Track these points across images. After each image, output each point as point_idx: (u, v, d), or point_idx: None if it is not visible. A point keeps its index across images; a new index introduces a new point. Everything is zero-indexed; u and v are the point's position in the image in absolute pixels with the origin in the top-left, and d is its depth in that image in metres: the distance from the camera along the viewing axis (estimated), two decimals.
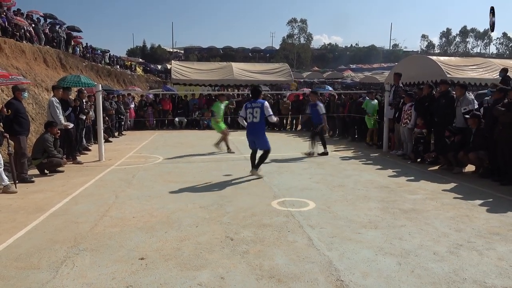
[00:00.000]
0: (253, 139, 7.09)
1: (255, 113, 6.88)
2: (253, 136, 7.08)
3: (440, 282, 3.10)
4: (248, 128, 7.06)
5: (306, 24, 75.56)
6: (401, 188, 6.25)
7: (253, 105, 6.96)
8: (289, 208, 5.10)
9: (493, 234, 4.15)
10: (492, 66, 14.17)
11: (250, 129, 7.04)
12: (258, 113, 6.86)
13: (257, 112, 6.87)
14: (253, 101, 7.03)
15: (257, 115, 6.87)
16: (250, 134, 7.07)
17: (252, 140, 7.11)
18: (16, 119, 6.67)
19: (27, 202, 5.47)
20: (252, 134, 7.06)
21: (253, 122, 6.92)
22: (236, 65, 20.85)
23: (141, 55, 68.74)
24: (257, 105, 6.91)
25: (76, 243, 3.92)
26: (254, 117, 6.89)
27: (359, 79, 38.85)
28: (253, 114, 6.89)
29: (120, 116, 14.67)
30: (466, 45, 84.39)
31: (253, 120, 6.91)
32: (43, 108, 12.33)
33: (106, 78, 25.75)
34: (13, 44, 14.52)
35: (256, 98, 7.04)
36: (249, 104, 7.04)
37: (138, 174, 7.31)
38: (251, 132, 7.05)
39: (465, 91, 7.77)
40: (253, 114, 6.89)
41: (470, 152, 6.96)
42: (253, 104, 6.95)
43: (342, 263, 3.43)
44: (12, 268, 3.36)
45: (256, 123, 6.92)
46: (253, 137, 7.07)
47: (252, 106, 6.94)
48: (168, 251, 3.70)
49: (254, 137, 7.07)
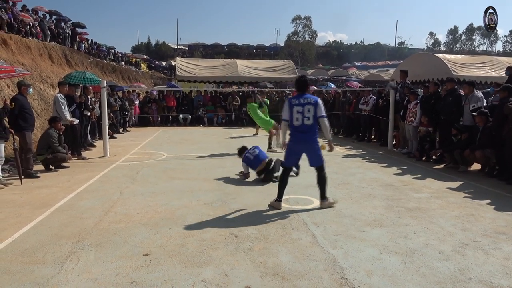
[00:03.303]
0: (303, 149, 5.03)
1: (307, 112, 4.88)
2: (302, 146, 4.99)
3: (446, 281, 3.08)
4: (295, 134, 4.98)
5: (311, 21, 75.28)
6: (406, 186, 6.22)
7: (301, 101, 4.93)
8: (293, 206, 5.09)
9: (499, 234, 4.12)
10: (499, 64, 14.07)
11: (298, 135, 4.95)
12: (311, 112, 4.88)
13: (310, 111, 4.88)
14: (300, 96, 5.00)
15: (310, 115, 4.88)
16: (299, 142, 4.97)
17: (300, 151, 5.06)
18: (21, 114, 6.70)
19: (32, 197, 5.50)
20: (301, 143, 4.97)
21: (304, 124, 4.89)
22: (240, 62, 20.83)
23: (145, 51, 68.78)
24: (310, 101, 4.91)
25: (81, 238, 3.93)
26: (306, 117, 4.88)
27: (364, 77, 38.67)
28: (304, 114, 4.89)
29: (125, 113, 14.70)
30: (472, 43, 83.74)
31: (304, 121, 4.89)
32: (48, 104, 12.38)
33: (111, 75, 25.82)
34: (18, 40, 14.58)
35: (303, 92, 5.05)
36: (295, 99, 4.99)
37: (142, 171, 7.33)
38: (300, 139, 4.95)
39: (474, 88, 7.71)
40: (304, 114, 4.89)
41: (477, 150, 6.91)
42: (303, 100, 4.93)
43: (346, 261, 3.42)
44: (18, 263, 3.37)
45: (309, 127, 4.90)
46: (303, 146, 4.99)
47: (301, 103, 4.91)
48: (172, 248, 3.70)
49: (304, 147, 5.00)
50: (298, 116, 4.91)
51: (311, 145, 4.98)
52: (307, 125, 4.89)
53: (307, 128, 4.90)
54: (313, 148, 5.00)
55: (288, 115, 4.98)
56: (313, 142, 4.98)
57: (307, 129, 4.91)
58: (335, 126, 14.31)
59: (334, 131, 14.26)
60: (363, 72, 46.70)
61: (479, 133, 7.06)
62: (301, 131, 4.92)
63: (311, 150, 5.00)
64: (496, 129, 6.66)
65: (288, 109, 4.98)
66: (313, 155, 5.01)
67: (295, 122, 4.93)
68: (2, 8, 14.90)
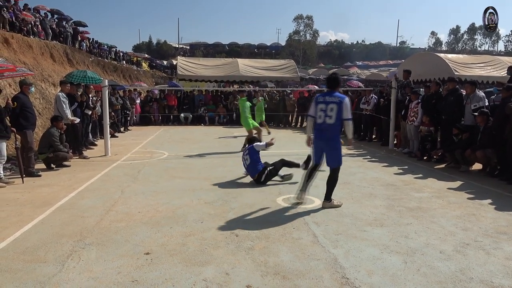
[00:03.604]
0: (323, 147, 5.04)
1: (330, 111, 4.85)
2: (323, 143, 5.02)
3: (447, 281, 3.08)
4: (317, 131, 5.01)
5: (312, 20, 75.22)
6: (407, 186, 6.21)
7: (327, 99, 4.91)
8: (294, 205, 5.09)
9: (501, 234, 4.11)
10: (500, 64, 14.04)
11: (320, 133, 4.98)
12: (334, 112, 4.83)
13: (333, 110, 4.83)
14: (328, 94, 5.00)
15: (333, 114, 4.83)
16: (320, 139, 5.02)
17: (321, 149, 5.07)
18: (23, 113, 6.71)
19: (34, 196, 5.51)
20: (322, 140, 5.01)
21: (325, 123, 4.89)
22: (241, 61, 20.83)
23: (147, 50, 68.89)
24: (334, 100, 4.86)
25: (82, 237, 3.94)
26: (328, 116, 4.86)
27: (365, 76, 38.63)
28: (326, 113, 4.86)
29: (126, 111, 14.72)
30: (474, 42, 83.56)
31: (326, 120, 4.88)
32: (50, 103, 12.40)
33: (112, 74, 25.85)
34: (20, 39, 14.59)
35: (333, 89, 5.03)
36: (321, 97, 5.01)
37: (143, 170, 7.33)
38: (321, 137, 4.99)
39: (476, 88, 7.70)
40: (326, 112, 4.86)
41: (478, 150, 6.90)
42: (328, 98, 4.91)
43: (347, 261, 3.42)
44: (19, 261, 3.38)
45: (330, 126, 4.87)
46: (324, 144, 5.02)
47: (326, 101, 4.90)
48: (173, 247, 3.71)
49: (324, 145, 5.02)
50: (320, 114, 4.92)
51: (330, 145, 4.97)
52: (328, 124, 4.86)
53: (327, 127, 4.89)
54: (331, 148, 4.98)
55: (313, 111, 5.01)
56: (333, 141, 4.95)
57: (327, 128, 4.89)
58: None
59: None
60: (364, 71, 46.68)
61: (480, 133, 7.05)
62: (321, 129, 4.95)
63: (329, 150, 5.00)
64: (497, 129, 6.65)
65: (314, 105, 5.01)
66: (331, 155, 5.01)
67: (318, 119, 4.96)
68: (4, 7, 14.91)
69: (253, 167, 6.28)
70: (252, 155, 6.31)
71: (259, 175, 6.20)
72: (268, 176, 6.24)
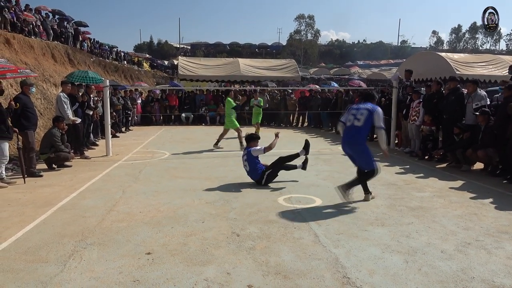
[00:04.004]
0: (351, 151, 5.16)
1: (360, 115, 5.01)
2: (349, 147, 5.14)
3: (448, 280, 3.07)
4: (345, 134, 5.16)
5: (314, 20, 75.18)
6: (409, 185, 6.21)
7: (360, 106, 5.19)
8: (295, 205, 5.09)
9: (502, 233, 4.11)
10: (502, 63, 14.02)
11: (346, 135, 5.12)
12: (363, 116, 4.98)
13: (363, 115, 4.99)
14: (362, 103, 5.30)
15: (362, 118, 4.98)
16: (346, 143, 5.14)
17: (349, 153, 5.21)
18: (24, 114, 6.72)
19: (35, 196, 5.52)
20: (348, 144, 5.13)
21: (353, 125, 5.02)
22: (242, 61, 20.84)
23: (148, 50, 68.93)
24: (366, 107, 5.06)
25: (84, 237, 3.95)
26: (357, 119, 5.01)
27: (366, 76, 38.59)
28: (356, 116, 5.04)
29: (127, 112, 14.73)
30: (475, 41, 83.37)
31: (354, 123, 5.02)
32: (51, 103, 12.42)
33: (114, 74, 25.87)
34: (21, 40, 14.62)
35: (366, 101, 5.28)
36: (355, 106, 5.33)
37: (144, 170, 7.34)
38: (347, 139, 5.12)
39: (477, 87, 7.69)
40: (356, 115, 5.04)
41: (479, 150, 6.89)
42: (361, 106, 5.17)
43: (348, 260, 3.42)
44: (21, 261, 3.39)
45: (356, 128, 4.99)
46: (350, 148, 5.13)
47: (359, 107, 5.15)
48: (175, 246, 3.71)
49: (351, 149, 5.13)
50: (350, 118, 5.11)
51: (355, 149, 5.09)
52: (356, 126, 5.00)
53: (354, 131, 5.03)
54: (357, 152, 5.09)
55: (345, 118, 5.24)
56: (357, 146, 5.06)
57: (354, 131, 5.03)
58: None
59: (336, 129, 14.26)
60: (365, 71, 46.60)
61: (481, 132, 7.04)
62: (348, 132, 5.11)
63: (357, 155, 5.13)
64: (499, 128, 6.64)
65: (346, 114, 5.27)
66: (360, 158, 5.12)
67: (347, 123, 5.15)
68: (5, 8, 14.94)
69: (253, 172, 6.24)
70: (250, 161, 6.23)
71: (260, 179, 6.18)
72: (269, 179, 6.19)
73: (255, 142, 6.44)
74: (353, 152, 5.13)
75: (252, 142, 6.39)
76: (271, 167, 6.29)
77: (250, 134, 6.63)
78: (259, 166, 6.26)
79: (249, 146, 6.34)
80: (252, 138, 6.51)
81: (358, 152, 5.09)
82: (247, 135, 6.58)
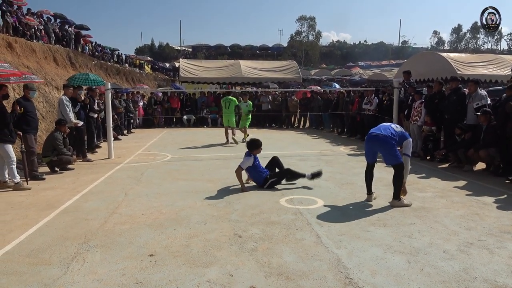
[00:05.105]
0: (374, 147, 5.18)
1: (389, 130, 5.11)
2: (371, 143, 5.16)
3: (450, 280, 3.07)
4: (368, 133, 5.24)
5: (315, 21, 75.18)
6: (411, 185, 6.19)
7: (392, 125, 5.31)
8: (297, 206, 5.09)
9: (504, 233, 4.10)
10: (504, 63, 13.99)
11: (369, 134, 5.17)
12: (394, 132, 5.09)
13: (393, 131, 5.11)
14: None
15: (391, 131, 5.08)
16: (368, 140, 5.19)
17: (371, 149, 5.23)
18: (24, 117, 6.72)
19: (38, 199, 5.55)
20: (370, 140, 5.16)
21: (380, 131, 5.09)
22: (244, 62, 20.88)
23: (149, 53, 69.09)
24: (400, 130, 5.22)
25: (87, 239, 3.96)
26: (384, 130, 5.10)
27: (367, 76, 38.59)
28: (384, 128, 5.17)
29: (129, 114, 14.77)
30: (476, 41, 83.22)
31: (382, 131, 5.09)
32: (53, 106, 12.47)
33: (115, 77, 25.95)
34: (23, 43, 14.70)
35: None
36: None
37: (146, 172, 7.36)
38: (370, 137, 5.15)
39: (478, 86, 7.69)
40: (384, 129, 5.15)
41: (481, 150, 6.87)
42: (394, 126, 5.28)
43: (350, 261, 3.42)
44: (24, 264, 3.41)
45: (383, 134, 5.01)
46: (373, 144, 5.15)
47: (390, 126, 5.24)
48: (177, 248, 3.73)
49: (375, 144, 5.13)
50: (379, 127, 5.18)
51: (381, 143, 5.00)
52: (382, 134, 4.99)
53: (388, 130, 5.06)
54: (385, 146, 5.00)
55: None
56: (385, 140, 4.96)
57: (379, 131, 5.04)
58: (339, 126, 14.33)
59: (338, 130, 14.26)
60: (366, 71, 46.59)
61: (482, 132, 7.03)
62: (373, 131, 5.14)
63: (383, 149, 5.05)
64: (500, 128, 6.63)
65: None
66: (386, 152, 5.04)
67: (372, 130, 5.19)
68: (7, 12, 15.03)
69: (257, 177, 6.17)
70: (250, 171, 6.17)
71: (263, 184, 6.11)
72: (271, 186, 6.09)
73: (257, 150, 6.19)
74: (380, 148, 5.06)
75: (255, 150, 6.15)
76: (277, 176, 6.19)
77: (254, 141, 6.23)
78: (262, 171, 6.19)
79: (253, 153, 6.13)
80: (256, 145, 6.16)
81: (384, 145, 4.98)
82: (250, 140, 6.28)
